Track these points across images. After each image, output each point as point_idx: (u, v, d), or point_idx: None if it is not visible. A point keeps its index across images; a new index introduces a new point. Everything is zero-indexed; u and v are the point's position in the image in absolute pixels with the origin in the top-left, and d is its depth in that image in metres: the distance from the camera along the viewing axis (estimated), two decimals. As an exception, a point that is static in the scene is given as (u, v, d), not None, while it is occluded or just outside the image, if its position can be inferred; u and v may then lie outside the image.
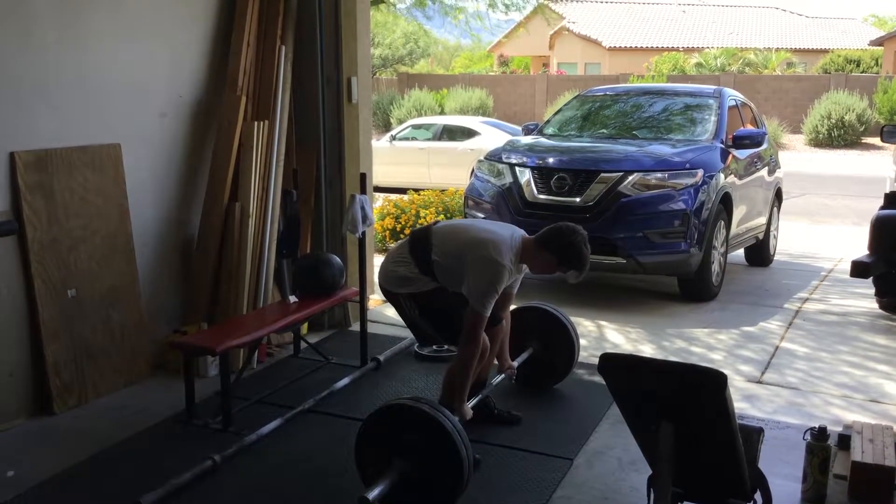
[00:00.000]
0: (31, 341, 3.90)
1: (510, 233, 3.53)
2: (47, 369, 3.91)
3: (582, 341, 5.22)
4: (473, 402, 3.54)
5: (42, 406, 3.94)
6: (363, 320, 4.65)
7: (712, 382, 2.19)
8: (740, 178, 6.72)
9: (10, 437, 3.69)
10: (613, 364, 2.41)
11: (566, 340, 4.23)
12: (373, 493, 2.74)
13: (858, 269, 5.50)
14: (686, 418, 2.29)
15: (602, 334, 5.44)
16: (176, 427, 3.83)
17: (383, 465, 2.90)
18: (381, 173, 10.57)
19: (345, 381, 4.34)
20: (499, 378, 3.85)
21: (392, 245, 8.07)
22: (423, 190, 8.78)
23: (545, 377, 4.32)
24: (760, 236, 7.56)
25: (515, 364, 3.98)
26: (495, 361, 3.90)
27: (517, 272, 3.54)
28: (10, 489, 3.21)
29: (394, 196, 8.80)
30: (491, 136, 13.01)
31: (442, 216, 7.83)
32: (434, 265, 3.48)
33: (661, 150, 6.32)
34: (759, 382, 4.56)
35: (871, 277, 5.72)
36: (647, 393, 2.36)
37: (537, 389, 4.32)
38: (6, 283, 3.78)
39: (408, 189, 9.32)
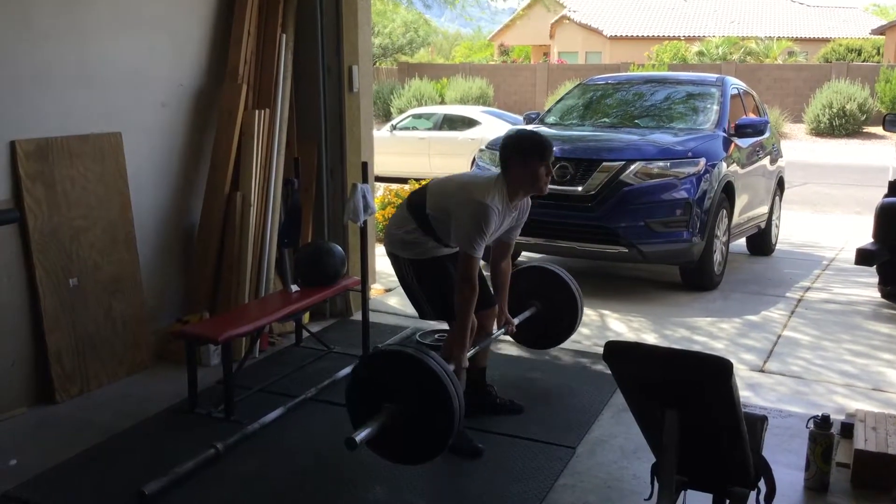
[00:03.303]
0: (32, 330, 3.89)
1: (493, 174, 3.51)
2: (49, 358, 3.90)
3: (584, 330, 5.24)
4: (471, 353, 3.49)
5: (44, 395, 3.94)
6: (365, 310, 4.64)
7: (718, 370, 2.18)
8: (742, 166, 6.71)
9: (12, 427, 3.69)
10: (618, 352, 2.40)
11: (570, 301, 4.18)
12: (360, 435, 2.72)
13: (863, 257, 5.49)
14: (691, 406, 2.28)
15: (604, 323, 5.43)
16: (178, 416, 3.83)
17: (374, 410, 2.88)
18: (381, 163, 10.52)
19: (347, 370, 4.32)
20: (499, 332, 3.82)
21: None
22: (424, 179, 8.75)
23: (548, 338, 4.28)
24: (762, 225, 7.55)
25: (516, 321, 3.95)
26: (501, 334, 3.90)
27: (510, 212, 3.49)
28: (13, 478, 3.21)
29: (395, 186, 8.78)
30: (491, 125, 12.99)
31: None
32: (430, 219, 3.48)
33: (664, 138, 6.30)
34: (762, 371, 4.56)
35: (876, 265, 5.71)
36: (652, 381, 2.35)
37: (540, 350, 4.34)
38: (7, 272, 3.77)
39: (409, 179, 9.29)
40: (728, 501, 2.49)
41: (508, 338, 4.95)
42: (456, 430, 2.89)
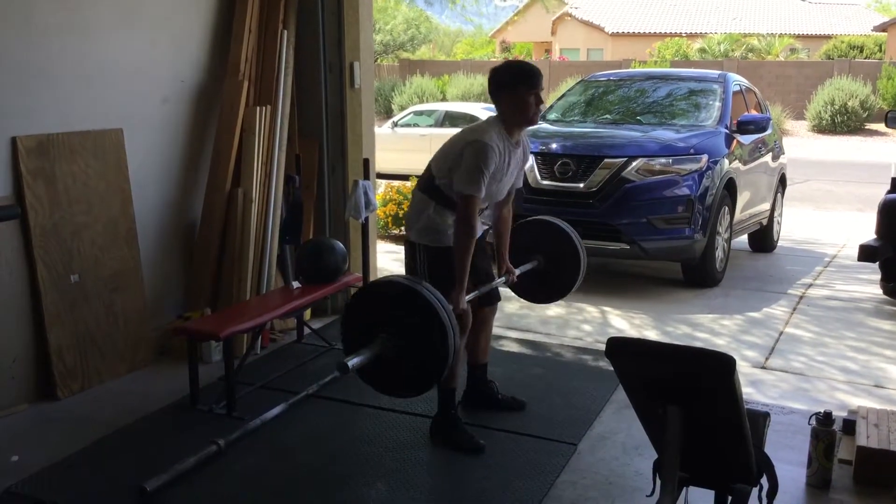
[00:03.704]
0: (34, 327, 3.89)
1: (485, 118, 3.45)
2: (50, 355, 3.90)
3: (586, 327, 5.25)
4: (470, 296, 3.41)
5: (45, 391, 3.94)
6: (366, 306, 4.63)
7: (721, 366, 2.17)
8: (745, 163, 6.70)
9: (13, 423, 3.69)
10: (621, 348, 2.39)
11: (572, 256, 4.06)
12: (353, 361, 2.70)
13: (866, 253, 5.48)
14: (694, 403, 2.28)
15: (606, 320, 5.43)
16: (180, 412, 3.82)
17: (368, 340, 2.85)
18: (382, 160, 10.53)
19: (348, 366, 4.33)
20: (499, 281, 3.72)
21: (395, 231, 8.06)
22: (425, 176, 8.73)
23: (550, 292, 4.20)
24: (764, 222, 7.54)
25: (517, 271, 3.83)
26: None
27: (513, 149, 3.41)
28: (15, 474, 3.21)
29: (396, 182, 8.78)
30: (493, 122, 12.94)
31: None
32: (442, 189, 3.39)
33: (666, 135, 6.30)
34: (764, 368, 4.56)
35: (879, 262, 5.70)
36: (654, 377, 2.34)
37: (541, 303, 4.35)
38: (9, 268, 3.77)
39: (410, 175, 9.27)
40: (730, 498, 2.48)
41: (511, 334, 4.97)
42: (450, 362, 2.85)
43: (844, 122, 21.58)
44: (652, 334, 5.13)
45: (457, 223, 3.28)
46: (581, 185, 5.92)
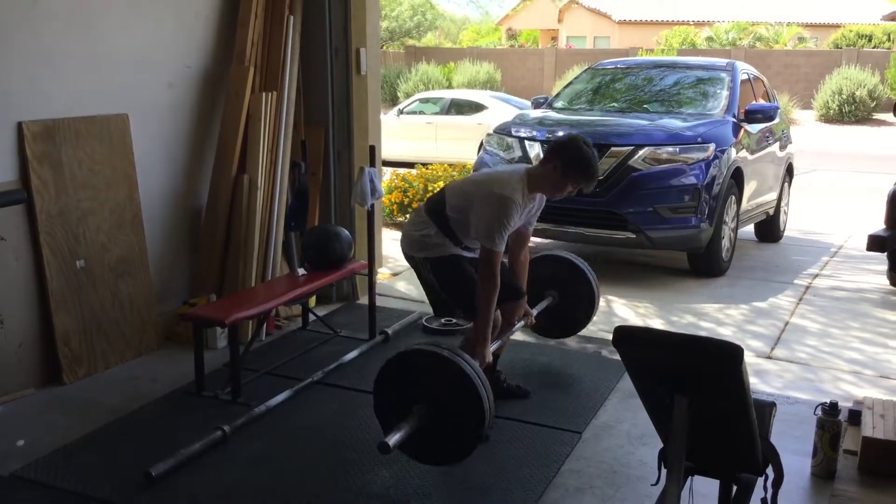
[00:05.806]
0: (40, 312, 3.90)
1: (514, 169, 3.52)
2: (56, 340, 3.91)
3: (591, 316, 5.23)
4: (494, 347, 3.47)
5: (51, 376, 3.95)
6: (371, 293, 4.64)
7: (729, 356, 2.17)
8: (752, 152, 6.66)
9: (19, 408, 3.70)
10: (629, 337, 2.38)
11: (586, 289, 4.15)
12: (392, 439, 2.71)
13: (875, 243, 5.46)
14: (701, 392, 2.27)
15: (611, 309, 5.42)
16: (185, 398, 3.83)
17: (403, 413, 2.86)
18: (388, 147, 10.54)
19: (353, 353, 4.34)
20: (519, 325, 3.78)
21: (401, 218, 8.05)
22: (430, 164, 8.74)
23: (565, 327, 4.28)
24: (771, 212, 7.52)
25: (535, 312, 3.92)
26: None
27: (529, 203, 3.47)
28: (21, 459, 3.22)
29: (401, 170, 8.75)
30: (499, 110, 12.92)
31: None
32: (450, 221, 3.46)
33: (673, 123, 6.26)
34: (769, 358, 4.55)
35: (887, 252, 5.68)
36: (662, 366, 2.33)
37: (557, 339, 4.42)
38: (15, 253, 3.77)
39: (415, 163, 9.27)
40: (735, 488, 2.48)
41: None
42: (484, 434, 2.88)
43: (852, 112, 21.47)
44: (657, 323, 5.12)
45: (481, 278, 3.34)
46: (587, 173, 5.88)
